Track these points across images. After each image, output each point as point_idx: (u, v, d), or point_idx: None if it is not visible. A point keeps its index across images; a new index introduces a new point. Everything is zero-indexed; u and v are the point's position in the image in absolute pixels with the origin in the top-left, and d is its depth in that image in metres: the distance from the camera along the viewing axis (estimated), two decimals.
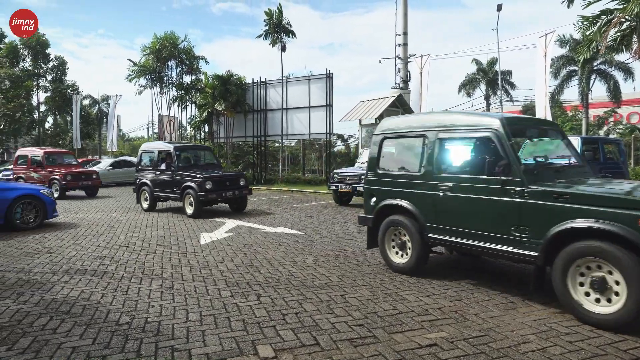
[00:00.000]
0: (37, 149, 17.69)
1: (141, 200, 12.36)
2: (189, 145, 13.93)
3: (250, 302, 4.39)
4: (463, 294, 4.56)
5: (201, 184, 10.45)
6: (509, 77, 40.49)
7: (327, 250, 6.82)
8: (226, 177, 11.29)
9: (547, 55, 16.65)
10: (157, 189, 11.83)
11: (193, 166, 12.00)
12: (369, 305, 4.26)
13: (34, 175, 16.29)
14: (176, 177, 11.16)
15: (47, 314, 4.08)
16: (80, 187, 16.23)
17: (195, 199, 10.46)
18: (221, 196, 10.77)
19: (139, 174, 12.53)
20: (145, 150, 12.86)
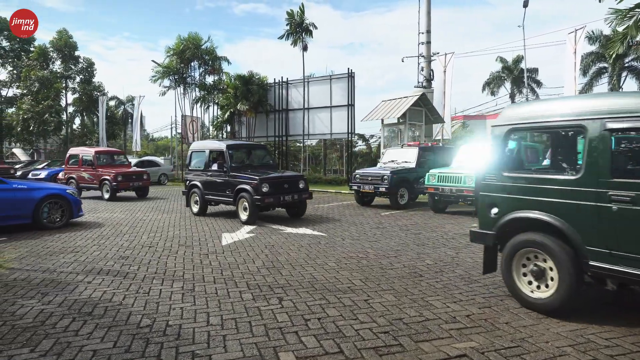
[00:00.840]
0: (89, 149, 17.24)
1: (191, 204, 11.42)
2: (243, 144, 12.80)
3: (272, 305, 4.30)
4: (492, 301, 4.38)
5: (257, 186, 9.26)
6: (535, 75, 39.48)
7: (350, 252, 6.70)
8: (285, 179, 10.02)
9: (577, 51, 16.13)
10: (208, 191, 10.81)
11: (247, 166, 10.84)
12: (394, 311, 4.12)
13: (85, 176, 16.04)
14: (229, 178, 10.07)
15: (69, 315, 4.08)
16: (131, 188, 15.69)
17: (251, 203, 9.35)
18: (279, 201, 9.52)
19: (188, 175, 11.66)
20: (196, 149, 11.88)
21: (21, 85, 32.38)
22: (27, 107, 30.02)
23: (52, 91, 30.77)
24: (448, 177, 10.75)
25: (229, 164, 10.18)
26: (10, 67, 36.27)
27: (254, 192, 9.28)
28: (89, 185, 16.00)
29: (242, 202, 9.63)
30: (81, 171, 16.23)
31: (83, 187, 16.09)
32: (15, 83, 35.06)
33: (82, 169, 16.21)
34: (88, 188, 16.14)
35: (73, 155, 17.09)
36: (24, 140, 32.71)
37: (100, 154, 16.57)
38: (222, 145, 10.66)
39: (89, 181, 15.98)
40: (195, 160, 11.60)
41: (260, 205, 9.30)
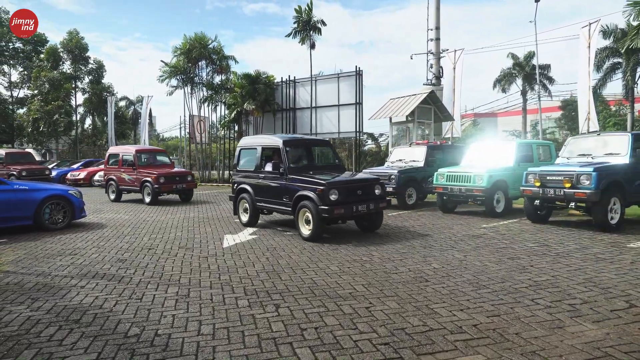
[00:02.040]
0: (129, 147, 15.71)
1: (239, 212, 9.55)
2: (303, 139, 10.63)
3: (268, 313, 4.09)
4: (502, 309, 4.11)
5: (324, 193, 7.34)
6: (547, 71, 38.77)
7: (354, 255, 6.46)
8: (358, 184, 7.97)
9: (591, 46, 15.64)
10: (260, 197, 8.90)
11: (309, 167, 8.86)
12: (396, 320, 3.88)
13: (125, 177, 14.75)
14: (287, 182, 8.16)
15: (56, 323, 3.90)
16: (174, 190, 14.24)
17: (315, 215, 7.38)
18: (351, 211, 7.51)
19: (236, 177, 9.71)
20: (245, 146, 9.82)
21: (31, 86, 32.61)
22: (36, 107, 30.20)
23: (62, 92, 30.92)
24: (457, 177, 10.44)
25: (286, 165, 8.22)
26: (21, 68, 36.60)
27: (319, 200, 7.36)
28: (130, 188, 14.67)
29: (304, 213, 7.71)
30: (121, 172, 14.91)
31: (123, 189, 14.97)
32: (26, 84, 35.34)
33: (122, 170, 14.89)
34: (129, 190, 14.90)
35: (113, 154, 15.81)
36: (34, 140, 32.93)
37: (142, 153, 15.08)
38: (278, 140, 8.66)
39: (129, 183, 14.62)
40: (245, 160, 9.65)
41: (329, 217, 7.34)
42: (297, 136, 11.34)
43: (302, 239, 7.67)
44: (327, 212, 7.26)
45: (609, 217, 7.91)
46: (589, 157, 8.88)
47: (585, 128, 15.48)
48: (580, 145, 9.44)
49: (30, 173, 19.69)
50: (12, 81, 36.90)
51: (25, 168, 19.91)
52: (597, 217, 7.94)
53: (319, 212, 7.33)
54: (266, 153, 9.20)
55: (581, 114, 15.90)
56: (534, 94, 39.14)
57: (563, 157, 9.44)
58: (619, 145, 8.69)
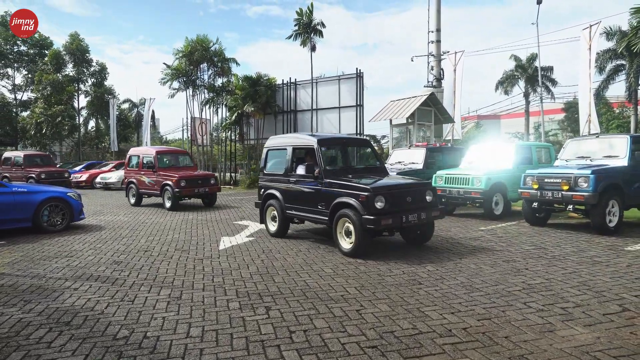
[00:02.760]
0: (150, 149, 14.67)
1: (266, 220, 8.47)
2: (340, 138, 9.32)
3: (258, 316, 4.08)
4: (493, 312, 4.09)
5: (368, 200, 6.22)
6: (549, 73, 38.63)
7: (349, 257, 6.45)
8: (407, 189, 6.77)
9: (592, 48, 15.60)
10: (290, 204, 7.85)
11: (347, 170, 7.71)
12: (386, 322, 3.86)
13: (145, 180, 13.84)
14: (323, 187, 7.09)
15: (47, 325, 3.91)
16: (197, 194, 13.21)
17: (359, 226, 6.24)
18: (400, 221, 6.33)
19: (263, 181, 8.65)
20: (273, 147, 8.71)
21: (35, 89, 32.80)
22: (40, 110, 30.36)
23: (64, 95, 31.07)
24: (456, 179, 10.41)
25: (322, 167, 7.16)
26: (25, 71, 36.83)
27: (363, 208, 6.24)
28: (150, 192, 13.75)
29: (343, 223, 6.62)
30: (141, 174, 14.00)
31: (144, 193, 14.06)
32: (30, 87, 35.55)
33: (142, 172, 13.98)
34: (149, 194, 13.98)
35: (133, 156, 14.96)
36: (38, 143, 33.10)
37: (163, 155, 14.14)
38: (312, 140, 7.62)
39: (149, 186, 13.68)
40: (273, 162, 8.65)
41: (374, 228, 6.19)
42: (333, 135, 10.10)
43: (342, 253, 6.59)
44: (373, 223, 6.08)
45: (607, 220, 7.86)
46: (587, 160, 8.84)
47: (586, 130, 15.42)
48: (579, 148, 9.40)
49: (49, 176, 19.04)
50: (16, 84, 37.11)
51: (45, 171, 19.24)
52: (595, 220, 7.89)
53: (363, 222, 6.17)
54: (298, 154, 8.15)
55: (582, 116, 15.85)
56: (536, 96, 39.04)
57: (562, 160, 9.41)
58: (617, 147, 8.64)
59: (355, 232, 6.34)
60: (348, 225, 6.51)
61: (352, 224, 6.39)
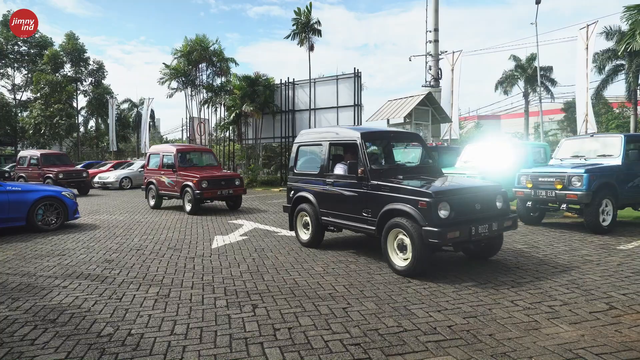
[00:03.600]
0: (170, 146, 13.38)
1: (297, 227, 7.37)
2: (387, 131, 7.94)
3: (244, 313, 4.08)
4: (480, 310, 4.08)
5: (430, 208, 4.99)
6: (549, 73, 38.67)
7: (340, 256, 6.44)
8: (475, 193, 5.54)
9: (589, 48, 15.60)
10: (327, 209, 6.67)
11: (396, 169, 6.56)
12: (371, 320, 3.86)
13: (165, 181, 12.71)
14: (368, 190, 5.85)
15: (32, 323, 3.91)
16: (220, 197, 11.93)
17: (418, 239, 5.03)
18: (469, 234, 5.09)
19: (293, 183, 7.47)
20: (305, 142, 7.48)
21: (33, 89, 32.84)
22: (37, 111, 30.39)
23: (63, 95, 31.10)
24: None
25: (367, 166, 5.94)
26: (25, 70, 36.87)
27: (423, 218, 5.03)
28: (170, 193, 12.64)
29: (396, 234, 5.42)
30: (161, 174, 12.94)
31: (164, 194, 12.95)
32: (29, 87, 35.59)
33: (162, 172, 12.90)
34: (169, 196, 12.85)
35: (153, 154, 13.80)
36: (36, 143, 33.14)
37: (184, 153, 12.98)
38: (354, 133, 6.38)
39: (169, 187, 12.60)
40: (305, 159, 7.58)
41: (439, 243, 4.96)
42: (378, 128, 8.34)
43: (394, 271, 5.39)
44: (437, 236, 4.87)
45: (600, 219, 7.84)
46: (581, 159, 8.83)
47: (584, 130, 15.42)
48: (574, 147, 9.38)
49: (67, 176, 17.96)
50: (16, 84, 37.15)
51: (62, 170, 18.03)
52: (588, 219, 7.87)
53: (424, 235, 4.97)
54: (336, 151, 7.06)
55: (579, 116, 15.86)
56: (536, 96, 39.02)
57: (556, 159, 9.40)
58: (611, 146, 8.63)
59: (412, 247, 5.13)
60: (402, 237, 5.31)
61: (407, 237, 5.20)
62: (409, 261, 5.22)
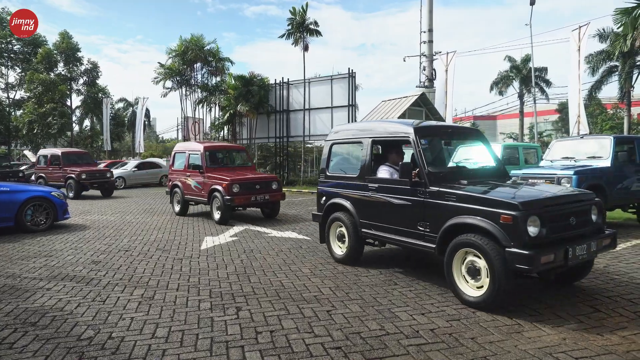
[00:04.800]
0: (197, 144, 11.86)
1: (330, 239, 6.27)
2: (444, 126, 6.60)
3: (227, 316, 4.06)
4: (464, 313, 4.08)
5: (516, 224, 3.91)
6: (544, 74, 38.90)
7: (329, 258, 6.41)
8: (569, 204, 4.42)
9: (581, 49, 15.67)
10: (368, 220, 5.59)
11: (460, 172, 5.34)
12: (354, 323, 3.84)
13: (191, 184, 10.98)
14: (426, 199, 4.77)
15: (12, 325, 3.87)
16: (254, 203, 10.14)
17: (500, 265, 3.94)
18: (566, 258, 3.99)
19: (325, 187, 6.40)
20: (340, 140, 6.41)
21: (27, 88, 32.66)
22: (30, 110, 30.22)
23: (56, 94, 30.93)
24: None
25: (424, 168, 4.82)
26: (18, 69, 36.64)
27: (506, 236, 3.94)
28: (197, 198, 10.91)
29: (464, 255, 4.34)
30: (187, 176, 11.17)
31: (190, 199, 11.28)
32: (23, 86, 35.39)
33: (188, 174, 11.15)
34: (196, 201, 11.24)
35: (179, 153, 11.97)
36: (29, 142, 32.95)
37: (212, 151, 11.25)
38: (407, 128, 5.29)
39: (195, 192, 10.85)
40: (339, 160, 6.58)
41: (530, 269, 3.87)
42: (433, 122, 7.16)
43: (462, 301, 4.31)
44: (527, 261, 3.79)
45: None
46: (571, 160, 8.85)
47: (576, 131, 15.48)
48: (565, 149, 9.40)
49: (90, 176, 16.71)
50: (9, 83, 36.94)
51: (85, 170, 16.70)
52: None
53: (508, 259, 3.89)
54: (379, 148, 6.08)
55: (572, 117, 15.92)
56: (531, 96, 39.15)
57: (547, 160, 9.42)
58: (601, 148, 8.65)
59: (490, 273, 4.02)
60: (474, 260, 4.22)
61: (482, 259, 4.11)
62: (485, 291, 4.09)
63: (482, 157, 5.88)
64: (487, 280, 4.09)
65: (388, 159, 5.85)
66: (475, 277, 4.23)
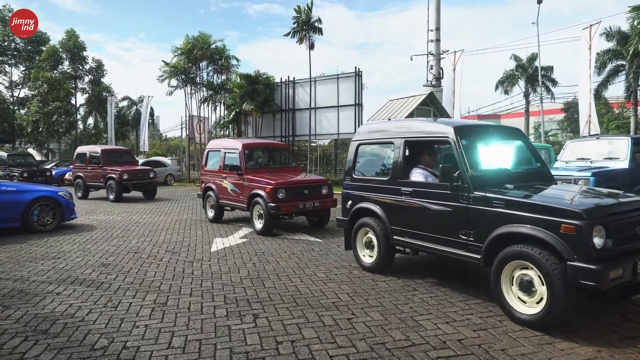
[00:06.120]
0: (235, 141, 10.30)
1: (357, 246, 5.86)
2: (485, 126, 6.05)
3: (245, 324, 3.91)
4: (490, 322, 3.92)
5: (580, 236, 3.48)
6: (550, 73, 38.49)
7: (343, 261, 6.28)
8: (634, 210, 3.98)
9: (592, 48, 15.44)
10: (401, 227, 5.21)
11: (503, 176, 4.75)
12: (378, 333, 3.70)
13: (227, 187, 9.67)
14: (469, 205, 4.35)
15: (23, 333, 3.74)
16: (303, 211, 8.69)
17: (558, 279, 3.53)
18: (635, 273, 3.62)
19: (352, 190, 5.93)
20: (368, 140, 6.00)
21: (31, 86, 32.57)
22: (35, 108, 30.14)
23: (61, 92, 30.83)
24: None
25: (466, 171, 4.42)
26: (22, 67, 36.56)
27: (569, 250, 3.52)
28: (234, 204, 9.60)
29: (515, 268, 3.94)
30: (222, 178, 9.85)
31: (225, 205, 9.95)
32: (27, 84, 35.31)
33: (224, 175, 9.83)
34: (232, 207, 9.94)
35: (212, 151, 10.76)
36: (34, 141, 32.87)
37: (252, 149, 10.08)
38: (444, 128, 4.88)
39: (233, 197, 9.53)
40: (367, 160, 6.20)
41: (598, 286, 3.44)
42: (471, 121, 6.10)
43: (513, 319, 3.89)
44: (594, 277, 3.40)
45: None
46: (587, 162, 8.68)
47: (586, 131, 15.27)
48: (580, 149, 9.24)
49: (133, 177, 15.18)
50: (13, 81, 36.87)
51: (127, 170, 15.15)
52: None
53: (571, 274, 3.49)
54: (414, 150, 5.49)
55: (582, 117, 15.71)
56: (536, 96, 38.89)
57: (562, 161, 9.25)
58: (618, 149, 8.50)
59: (548, 289, 3.62)
60: (528, 273, 3.81)
61: (539, 274, 3.69)
62: (542, 309, 3.67)
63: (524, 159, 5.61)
64: (543, 297, 3.69)
65: (420, 161, 5.40)
66: (529, 292, 3.82)
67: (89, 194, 16.51)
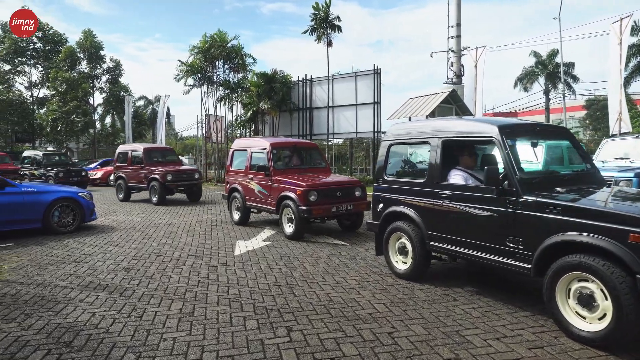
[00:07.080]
0: (262, 141, 9.81)
1: (390, 252, 5.59)
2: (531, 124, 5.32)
3: (279, 338, 3.66)
4: (545, 339, 3.60)
5: None
6: (571, 69, 37.57)
7: (373, 266, 5.99)
8: None
9: (623, 42, 14.84)
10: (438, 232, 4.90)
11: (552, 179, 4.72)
12: (423, 350, 3.41)
13: (254, 189, 9.18)
14: (517, 210, 4.04)
15: (46, 346, 3.54)
16: (335, 214, 8.31)
17: (626, 295, 3.19)
18: None
19: (383, 192, 5.66)
20: (400, 139, 5.68)
21: (50, 86, 32.87)
22: (54, 108, 30.40)
23: (80, 92, 31.05)
24: None
25: (514, 174, 4.13)
26: (41, 67, 36.94)
27: (637, 262, 3.18)
28: (262, 207, 9.18)
29: (571, 280, 3.63)
30: (249, 179, 9.43)
31: (253, 207, 9.55)
32: (46, 84, 35.67)
33: (250, 176, 9.39)
34: (259, 209, 9.59)
35: (238, 151, 10.30)
36: (54, 140, 33.18)
37: (280, 149, 9.60)
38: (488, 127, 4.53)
39: (260, 199, 9.12)
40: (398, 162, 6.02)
41: None
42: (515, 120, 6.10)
43: (571, 335, 3.57)
44: None
45: None
46: (627, 161, 8.23)
47: (617, 129, 14.69)
48: (617, 148, 8.80)
49: (177, 177, 13.90)
50: (32, 81, 37.29)
51: (171, 170, 13.90)
52: None
53: None
54: (451, 150, 5.03)
55: (612, 114, 15.12)
56: (557, 93, 38.04)
57: (598, 161, 8.81)
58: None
59: (616, 306, 3.26)
60: (587, 286, 3.50)
61: (603, 290, 3.37)
62: (607, 326, 3.34)
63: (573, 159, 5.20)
64: (607, 312, 3.35)
65: (459, 162, 5.02)
66: (590, 307, 3.48)
67: (130, 195, 15.38)
